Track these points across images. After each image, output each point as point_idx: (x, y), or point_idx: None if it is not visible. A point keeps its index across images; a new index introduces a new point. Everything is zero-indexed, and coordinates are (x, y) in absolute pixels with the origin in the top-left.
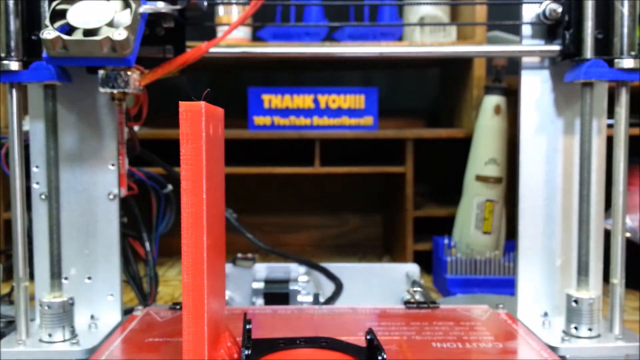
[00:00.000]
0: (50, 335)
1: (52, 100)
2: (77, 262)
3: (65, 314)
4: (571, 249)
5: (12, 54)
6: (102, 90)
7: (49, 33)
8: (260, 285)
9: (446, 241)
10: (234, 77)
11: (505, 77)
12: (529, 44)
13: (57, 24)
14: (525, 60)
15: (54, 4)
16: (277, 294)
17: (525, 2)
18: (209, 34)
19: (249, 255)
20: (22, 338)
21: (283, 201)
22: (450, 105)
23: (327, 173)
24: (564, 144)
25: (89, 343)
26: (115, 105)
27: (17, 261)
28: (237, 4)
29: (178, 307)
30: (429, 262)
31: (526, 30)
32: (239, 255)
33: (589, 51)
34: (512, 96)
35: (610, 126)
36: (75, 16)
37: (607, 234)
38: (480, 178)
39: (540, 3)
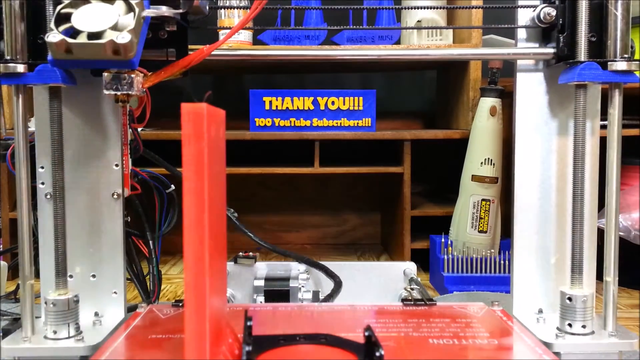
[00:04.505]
0: (55, 332)
1: (57, 102)
2: (81, 260)
3: (70, 311)
4: (565, 247)
5: (18, 56)
6: (106, 92)
7: (54, 36)
8: (261, 282)
9: (443, 240)
10: (235, 79)
11: (500, 79)
12: (523, 47)
13: (62, 27)
14: (520, 62)
15: (58, 7)
16: (278, 291)
17: (520, 7)
18: (211, 37)
19: (250, 253)
20: (28, 335)
21: (283, 201)
22: (446, 107)
23: (327, 173)
24: (558, 144)
25: (93, 339)
26: (119, 107)
27: (22, 259)
28: (238, 8)
29: (180, 304)
30: (426, 260)
31: (521, 33)
32: (240, 253)
33: (582, 54)
34: (507, 98)
35: (604, 127)
36: (80, 20)
37: (601, 233)
38: (476, 178)
39: (535, 7)
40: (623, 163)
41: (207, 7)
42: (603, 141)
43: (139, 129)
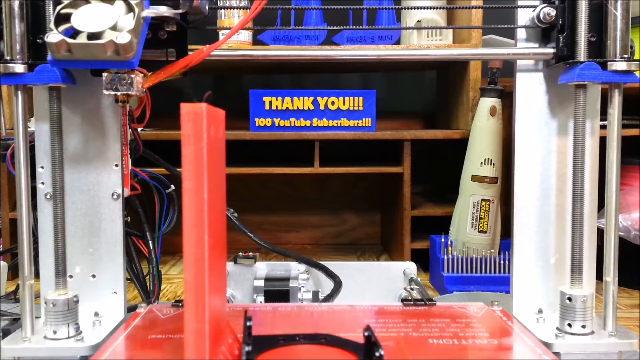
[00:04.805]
0: (55, 332)
1: (57, 102)
2: (81, 260)
3: (69, 311)
4: (565, 247)
5: (18, 56)
6: (105, 92)
7: (53, 36)
8: (260, 282)
9: (443, 240)
10: (235, 79)
11: (500, 79)
12: (523, 47)
13: (62, 27)
14: (520, 62)
15: (58, 8)
16: (278, 291)
17: (520, 7)
18: (211, 37)
19: (250, 253)
20: (27, 335)
21: (283, 201)
22: (446, 107)
23: (327, 173)
24: (557, 144)
25: (93, 340)
26: (118, 107)
27: (22, 260)
28: (238, 8)
29: (180, 304)
30: (426, 261)
31: (521, 33)
32: (240, 253)
33: (582, 54)
34: (507, 98)
35: (604, 127)
36: (80, 20)
37: (601, 233)
38: (476, 178)
39: (535, 7)
40: (623, 163)
41: (207, 7)
42: (603, 141)
43: (139, 129)
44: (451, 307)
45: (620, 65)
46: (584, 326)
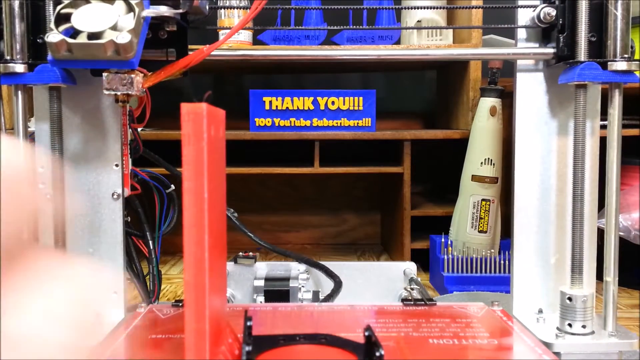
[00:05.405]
0: None
1: (57, 102)
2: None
3: None
4: (565, 247)
5: (18, 56)
6: (106, 92)
7: (54, 36)
8: (261, 282)
9: (443, 240)
10: (235, 79)
11: (500, 79)
12: (523, 47)
13: (62, 27)
14: (520, 62)
15: (58, 7)
16: (278, 291)
17: (521, 7)
18: (211, 37)
19: (250, 253)
20: None
21: (283, 201)
22: (446, 107)
23: (327, 173)
24: (558, 144)
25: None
26: (118, 107)
27: None
28: (238, 8)
29: (180, 304)
30: (426, 261)
31: (521, 33)
32: (240, 253)
33: (582, 54)
34: (507, 98)
35: (604, 127)
36: (80, 20)
37: (601, 233)
38: (476, 178)
39: (535, 7)
40: (623, 163)
41: (207, 7)
42: (603, 141)
43: (139, 129)
44: (451, 307)
45: (621, 65)
46: (584, 326)
